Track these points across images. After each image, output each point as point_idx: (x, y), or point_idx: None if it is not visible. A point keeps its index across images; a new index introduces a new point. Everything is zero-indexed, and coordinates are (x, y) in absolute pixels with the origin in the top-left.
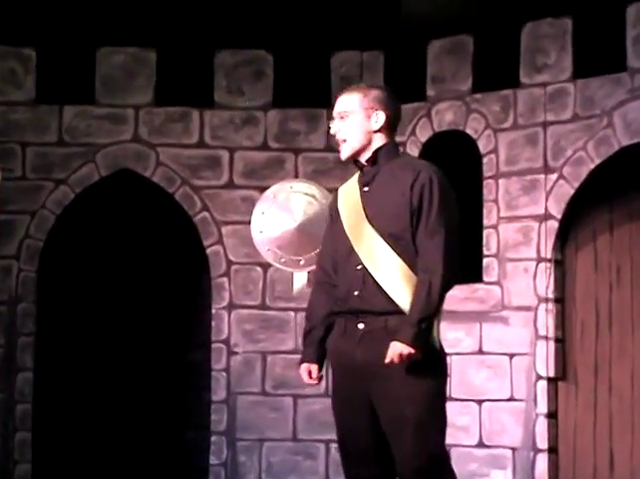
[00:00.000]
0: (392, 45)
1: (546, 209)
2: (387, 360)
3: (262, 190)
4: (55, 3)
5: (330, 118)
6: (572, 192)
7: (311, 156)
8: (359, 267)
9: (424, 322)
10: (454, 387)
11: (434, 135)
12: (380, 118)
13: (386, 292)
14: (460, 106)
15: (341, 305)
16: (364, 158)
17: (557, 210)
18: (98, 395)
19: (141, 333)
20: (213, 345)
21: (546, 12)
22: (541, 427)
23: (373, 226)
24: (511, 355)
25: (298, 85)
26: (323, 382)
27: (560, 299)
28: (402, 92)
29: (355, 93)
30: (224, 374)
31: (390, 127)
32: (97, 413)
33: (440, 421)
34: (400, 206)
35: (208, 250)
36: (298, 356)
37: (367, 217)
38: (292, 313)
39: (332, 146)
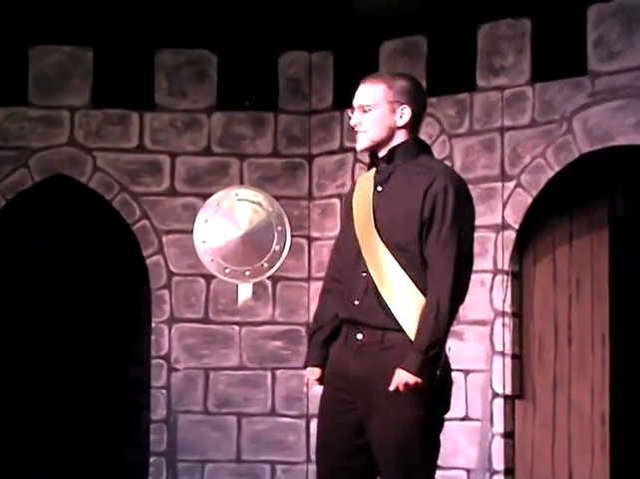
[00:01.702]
0: (342, 45)
1: (503, 218)
2: (391, 388)
3: (205, 197)
4: None
5: (276, 121)
6: (530, 200)
7: (257, 161)
8: (364, 275)
9: (432, 349)
10: None
11: None
12: (406, 113)
13: (386, 306)
14: None
15: (343, 312)
16: (381, 153)
17: (515, 219)
18: (32, 413)
19: (77, 348)
20: (153, 361)
21: (504, 12)
22: (498, 447)
23: (380, 233)
24: (466, 372)
25: (244, 86)
26: (269, 401)
27: (518, 314)
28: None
29: (379, 83)
30: (164, 392)
31: (415, 123)
32: (32, 432)
33: (429, 451)
34: (409, 214)
35: (148, 261)
36: (242, 373)
37: (375, 222)
38: (237, 328)
39: (279, 151)
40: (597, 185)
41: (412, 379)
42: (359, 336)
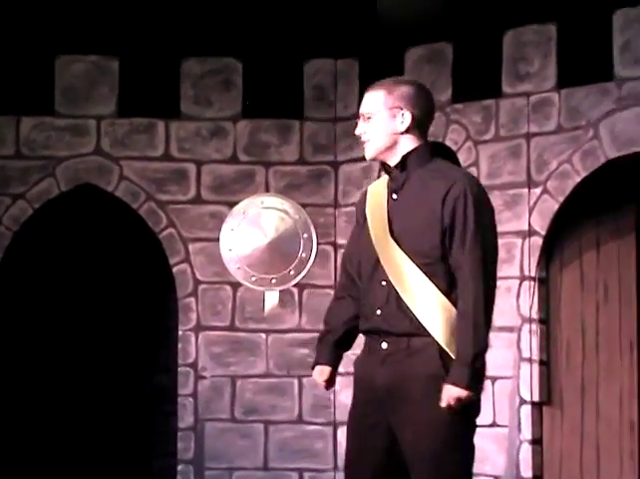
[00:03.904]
0: (368, 53)
1: (530, 224)
2: (443, 404)
3: (232, 205)
4: (11, 7)
5: (302, 129)
6: (557, 206)
7: (283, 169)
8: (384, 284)
9: (478, 361)
10: None
11: None
12: (406, 118)
13: (409, 312)
14: (439, 116)
15: (364, 323)
16: (392, 162)
17: (541, 225)
18: (58, 421)
19: (104, 356)
20: (180, 369)
21: (530, 18)
22: (525, 454)
23: (398, 241)
24: (494, 379)
25: (269, 94)
26: (296, 408)
27: (545, 320)
28: None
29: (380, 90)
30: (191, 400)
31: (420, 127)
32: (57, 440)
33: (462, 456)
34: (429, 221)
35: (175, 269)
36: (269, 381)
37: (392, 230)
38: (263, 335)
39: (304, 159)
40: (624, 190)
41: (464, 394)
42: (384, 346)
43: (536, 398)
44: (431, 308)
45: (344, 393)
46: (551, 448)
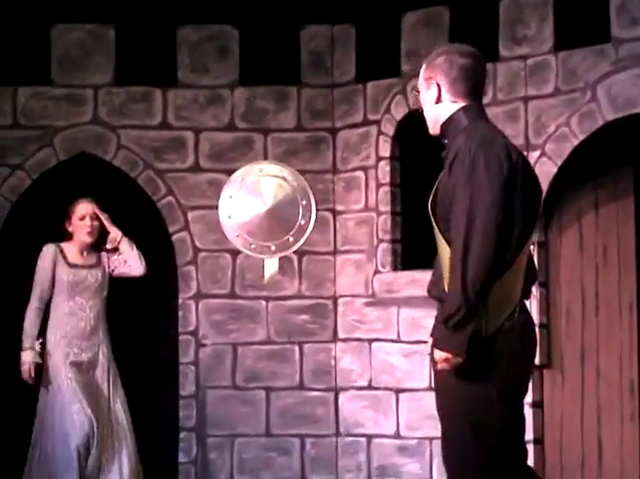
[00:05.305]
0: (364, 18)
1: None
2: (438, 367)
3: (230, 172)
4: None
5: (299, 95)
6: (555, 170)
7: (281, 136)
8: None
9: (449, 321)
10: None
11: (409, 112)
12: (433, 88)
13: (441, 279)
14: None
15: None
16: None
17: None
18: None
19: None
20: (181, 337)
21: None
22: (527, 417)
23: (433, 212)
24: None
25: (266, 61)
26: (297, 375)
27: (544, 283)
28: (375, 68)
29: (423, 63)
30: (193, 368)
31: (454, 94)
32: None
33: (468, 416)
34: (444, 192)
35: (174, 237)
36: (270, 347)
37: (432, 202)
38: (264, 302)
39: (302, 125)
40: (622, 153)
41: (440, 353)
42: (436, 313)
43: (537, 362)
44: (446, 276)
45: (345, 359)
46: (552, 411)
